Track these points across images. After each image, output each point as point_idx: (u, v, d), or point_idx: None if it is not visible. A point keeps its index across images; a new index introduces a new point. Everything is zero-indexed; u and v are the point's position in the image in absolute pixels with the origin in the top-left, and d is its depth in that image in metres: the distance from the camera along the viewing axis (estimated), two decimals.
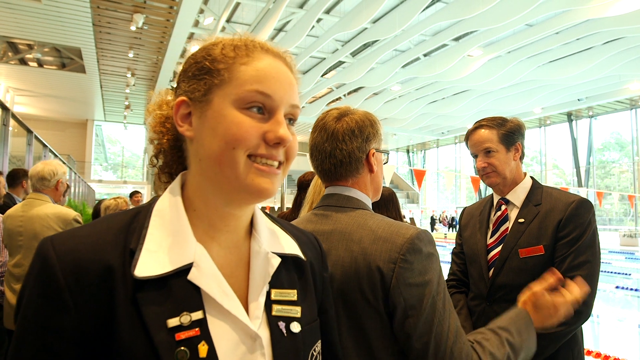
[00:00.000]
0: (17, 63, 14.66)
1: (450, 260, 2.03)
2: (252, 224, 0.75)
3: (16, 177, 3.84)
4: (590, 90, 18.38)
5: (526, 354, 1.06)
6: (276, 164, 0.67)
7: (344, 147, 1.13)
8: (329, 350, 0.82)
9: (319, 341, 0.75)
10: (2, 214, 3.02)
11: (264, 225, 0.76)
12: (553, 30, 12.11)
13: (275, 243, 0.75)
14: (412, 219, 8.60)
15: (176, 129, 0.71)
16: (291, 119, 0.71)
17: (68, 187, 3.14)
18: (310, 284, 0.78)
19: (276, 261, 0.71)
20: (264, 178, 0.66)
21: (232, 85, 0.66)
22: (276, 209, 20.45)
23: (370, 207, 1.19)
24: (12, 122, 5.44)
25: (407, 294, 0.96)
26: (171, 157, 0.76)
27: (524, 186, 1.78)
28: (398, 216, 2.50)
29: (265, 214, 0.81)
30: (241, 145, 0.64)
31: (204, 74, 0.67)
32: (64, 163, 10.66)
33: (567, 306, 1.11)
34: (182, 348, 0.58)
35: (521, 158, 1.81)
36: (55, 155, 9.02)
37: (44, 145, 7.68)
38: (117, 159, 30.39)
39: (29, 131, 6.37)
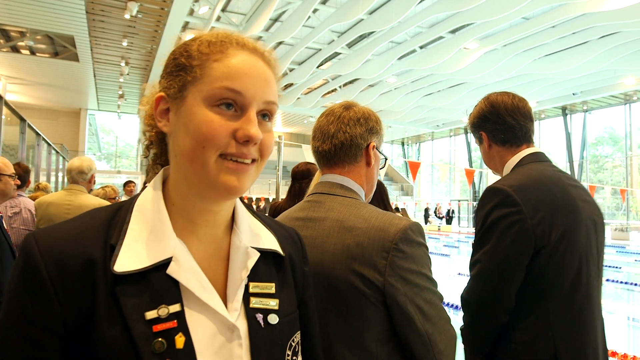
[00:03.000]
0: (9, 50, 14.47)
1: (443, 254, 2.00)
2: (233, 218, 0.76)
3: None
4: (585, 85, 18.44)
5: None
6: (248, 161, 0.67)
7: (348, 130, 1.17)
8: (309, 341, 0.84)
9: (298, 332, 0.77)
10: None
11: (245, 220, 0.77)
12: (549, 23, 12.12)
13: (255, 238, 0.76)
14: (403, 210, 8.58)
15: None
16: (266, 115, 0.70)
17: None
18: (289, 277, 0.80)
19: (255, 255, 0.73)
20: (231, 176, 0.66)
21: (203, 82, 0.65)
22: (271, 200, 20.45)
23: (363, 198, 1.20)
24: (4, 110, 5.38)
25: (403, 282, 0.99)
26: (160, 150, 0.78)
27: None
28: (384, 205, 2.51)
29: (247, 207, 0.82)
30: (210, 145, 0.64)
31: (179, 70, 0.68)
32: (57, 152, 10.52)
33: None
34: (159, 339, 0.60)
35: (501, 143, 1.57)
36: (49, 145, 8.94)
37: (37, 134, 7.61)
38: (111, 149, 30.21)
39: (22, 119, 6.30)
